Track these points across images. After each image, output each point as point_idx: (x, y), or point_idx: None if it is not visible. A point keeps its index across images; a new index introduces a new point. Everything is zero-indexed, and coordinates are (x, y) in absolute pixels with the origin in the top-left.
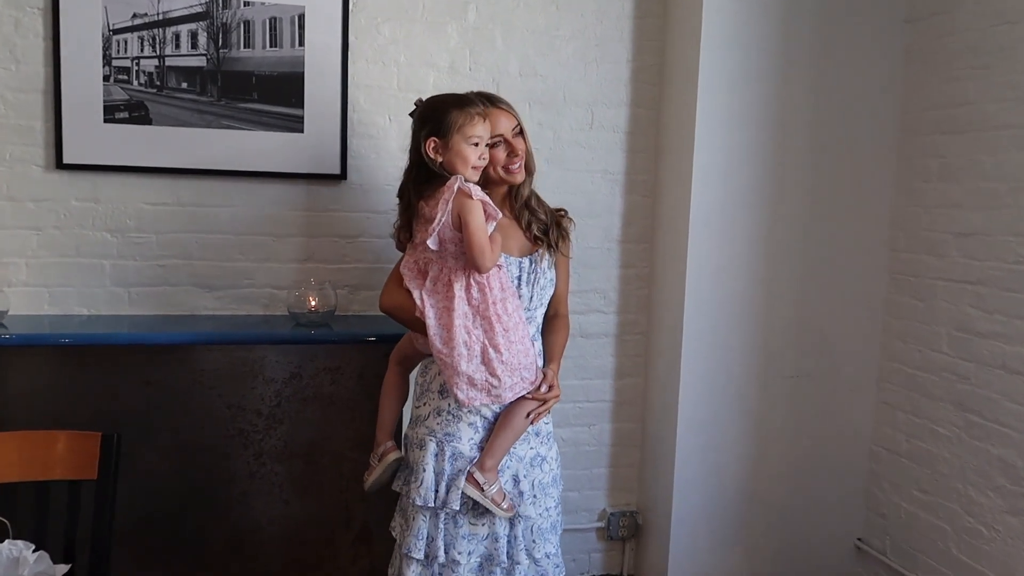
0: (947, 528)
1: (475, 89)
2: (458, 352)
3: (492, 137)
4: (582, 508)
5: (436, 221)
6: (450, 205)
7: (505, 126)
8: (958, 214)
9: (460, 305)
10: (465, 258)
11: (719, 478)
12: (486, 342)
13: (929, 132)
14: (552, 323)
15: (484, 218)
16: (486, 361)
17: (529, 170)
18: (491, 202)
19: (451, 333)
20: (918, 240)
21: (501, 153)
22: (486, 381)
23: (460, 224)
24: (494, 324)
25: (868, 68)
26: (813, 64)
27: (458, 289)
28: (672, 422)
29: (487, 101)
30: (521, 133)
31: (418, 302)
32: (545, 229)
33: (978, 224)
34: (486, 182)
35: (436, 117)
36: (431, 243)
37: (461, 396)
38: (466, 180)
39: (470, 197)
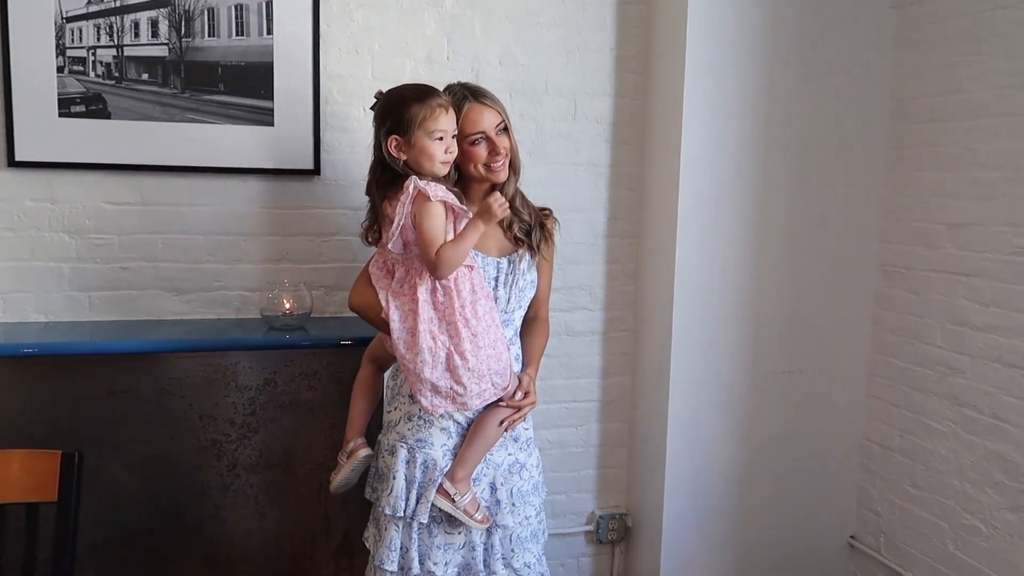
0: (944, 525)
1: (457, 79)
2: (422, 358)
3: (473, 134)
4: (569, 511)
5: (395, 224)
6: (408, 207)
7: (488, 122)
8: (951, 204)
9: (425, 309)
10: None
11: (710, 477)
12: (452, 348)
13: (921, 120)
14: (531, 326)
15: (442, 221)
16: (451, 368)
17: (515, 169)
18: (456, 201)
19: (416, 338)
20: (910, 231)
21: (482, 151)
22: (451, 389)
23: None
24: (460, 330)
25: (857, 54)
26: (801, 51)
27: (422, 292)
28: (661, 421)
29: (470, 94)
30: (506, 130)
31: (383, 303)
32: (528, 231)
33: (972, 214)
34: (467, 179)
35: (395, 112)
36: (393, 246)
37: (425, 403)
38: (433, 177)
39: (429, 199)
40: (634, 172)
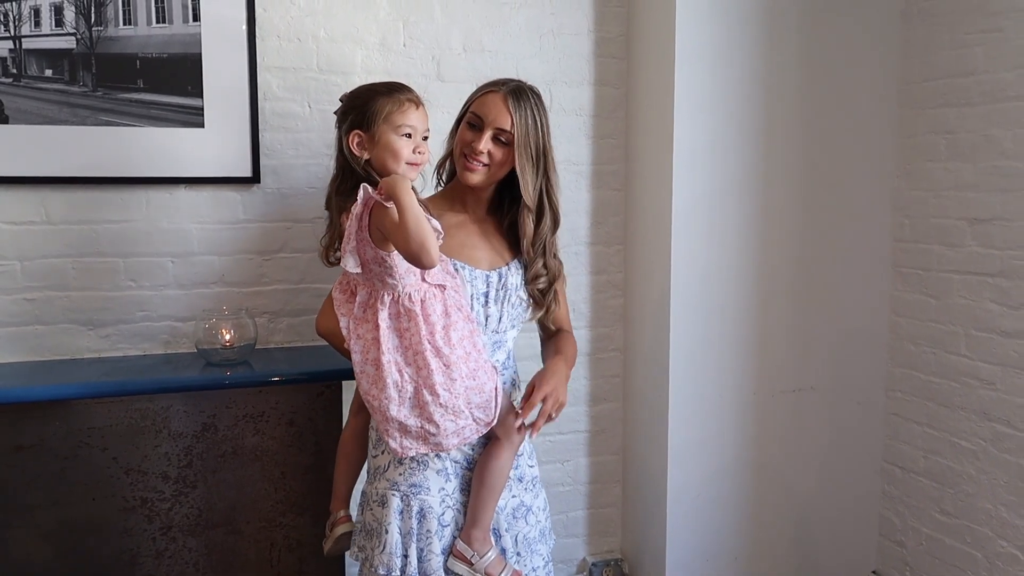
0: (976, 555)
1: (414, 68)
2: (387, 395)
3: (475, 114)
4: (558, 559)
5: (346, 238)
6: (365, 219)
7: (494, 117)
8: (972, 197)
9: (387, 337)
10: (394, 281)
11: (716, 513)
12: (420, 383)
13: (934, 105)
14: (559, 335)
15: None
16: (420, 405)
17: (554, 218)
18: (423, 210)
19: (380, 372)
20: (927, 228)
21: (470, 136)
22: (421, 428)
23: (381, 239)
24: (430, 361)
25: (862, 34)
26: (802, 30)
27: (383, 318)
28: (660, 451)
29: (503, 85)
30: (509, 145)
31: (344, 331)
32: (544, 289)
33: (996, 208)
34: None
35: (359, 106)
36: (349, 265)
37: (394, 445)
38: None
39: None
40: (619, 170)
